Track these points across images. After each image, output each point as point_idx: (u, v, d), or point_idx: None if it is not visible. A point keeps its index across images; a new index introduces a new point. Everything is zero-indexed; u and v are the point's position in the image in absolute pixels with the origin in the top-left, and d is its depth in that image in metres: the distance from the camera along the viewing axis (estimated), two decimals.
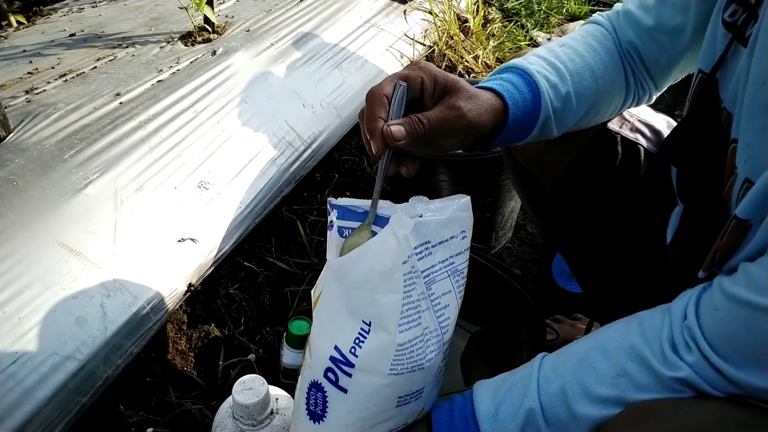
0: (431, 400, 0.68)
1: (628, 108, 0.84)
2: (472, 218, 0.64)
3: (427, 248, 0.60)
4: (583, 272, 1.05)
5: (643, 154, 0.87)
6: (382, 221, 0.61)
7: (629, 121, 0.87)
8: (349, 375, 0.61)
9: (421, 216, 0.60)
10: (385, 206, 0.61)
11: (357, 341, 0.61)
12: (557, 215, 1.00)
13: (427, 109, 0.61)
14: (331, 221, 0.63)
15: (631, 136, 0.87)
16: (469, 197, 0.64)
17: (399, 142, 0.58)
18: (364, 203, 0.63)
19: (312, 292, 0.67)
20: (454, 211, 0.62)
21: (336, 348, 0.62)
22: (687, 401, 0.53)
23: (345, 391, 0.62)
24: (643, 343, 0.57)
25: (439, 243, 0.61)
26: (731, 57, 0.61)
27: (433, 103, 0.62)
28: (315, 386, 0.64)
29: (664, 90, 0.83)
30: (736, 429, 0.48)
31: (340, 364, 0.62)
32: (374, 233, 0.61)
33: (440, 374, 0.67)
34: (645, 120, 0.88)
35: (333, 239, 0.63)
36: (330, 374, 0.63)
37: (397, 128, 0.58)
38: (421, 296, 0.60)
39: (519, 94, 0.68)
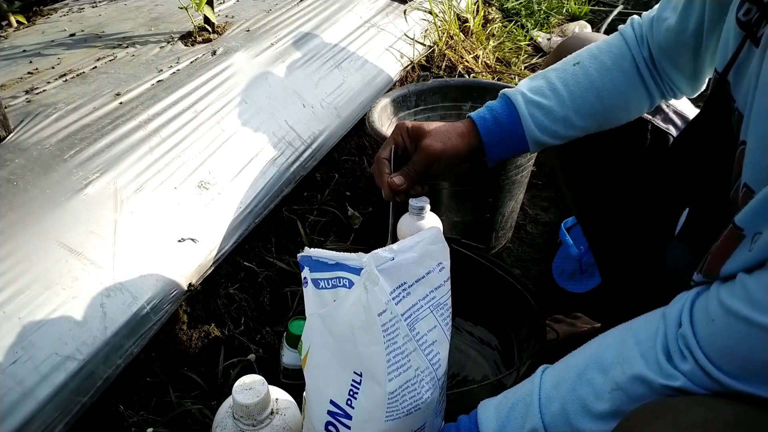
0: (436, 427, 0.69)
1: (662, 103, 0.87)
2: (447, 248, 0.65)
3: (404, 289, 0.60)
4: (601, 251, 1.07)
5: (664, 147, 0.88)
6: (355, 271, 0.60)
7: (664, 111, 0.89)
8: (348, 427, 0.62)
9: (393, 259, 0.60)
10: (354, 258, 0.61)
11: (351, 393, 0.61)
12: (586, 187, 1.03)
13: (411, 154, 0.82)
14: (305, 278, 0.64)
15: (663, 126, 0.88)
16: (439, 228, 0.66)
17: (401, 187, 0.80)
18: (335, 255, 0.62)
19: (298, 350, 0.67)
20: (425, 246, 0.62)
21: (332, 402, 0.62)
22: (698, 399, 0.53)
23: None
24: (637, 356, 0.57)
25: (416, 281, 0.61)
26: (745, 56, 0.60)
27: (413, 149, 0.82)
28: None
29: (701, 89, 0.85)
30: (753, 429, 0.48)
31: (339, 417, 0.62)
32: (350, 282, 0.61)
33: (441, 404, 0.68)
34: (681, 111, 0.89)
35: (309, 294, 0.64)
36: (331, 427, 0.63)
37: (397, 178, 0.80)
38: (406, 339, 0.60)
39: (492, 119, 0.81)
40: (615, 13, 2.69)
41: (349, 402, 0.61)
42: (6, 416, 0.79)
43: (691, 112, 0.90)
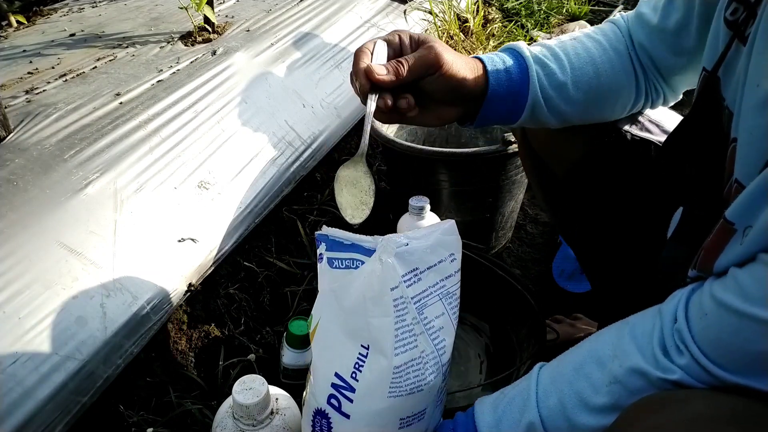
0: (435, 420, 0.69)
1: (642, 109, 0.86)
2: (459, 240, 0.65)
3: (416, 274, 0.61)
4: (590, 263, 1.06)
5: (652, 152, 0.87)
6: (369, 253, 0.61)
7: (640, 122, 0.88)
8: (351, 400, 0.62)
9: (407, 244, 0.61)
10: (369, 240, 0.62)
11: (357, 366, 0.61)
12: (568, 203, 1.01)
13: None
14: (321, 254, 0.64)
15: (641, 134, 0.88)
16: (453, 221, 0.66)
17: (381, 77, 0.63)
18: (351, 236, 0.63)
19: (307, 323, 0.67)
20: (439, 236, 0.63)
21: (337, 375, 0.63)
22: (699, 392, 0.53)
23: (348, 416, 0.63)
24: (634, 350, 0.57)
25: (428, 268, 0.62)
26: (733, 55, 0.61)
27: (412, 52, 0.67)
28: (320, 414, 0.65)
29: (681, 94, 0.84)
30: (750, 422, 0.48)
31: (342, 389, 0.62)
32: (361, 262, 0.61)
33: (442, 394, 0.68)
34: (656, 120, 0.89)
35: (324, 271, 0.64)
36: (333, 400, 0.63)
37: (379, 66, 0.64)
38: (413, 321, 0.60)
39: (503, 66, 0.73)
40: (615, 12, 2.69)
41: (353, 375, 0.61)
42: (6, 416, 0.79)
43: (667, 119, 0.90)
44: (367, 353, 0.61)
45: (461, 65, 0.69)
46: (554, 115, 0.78)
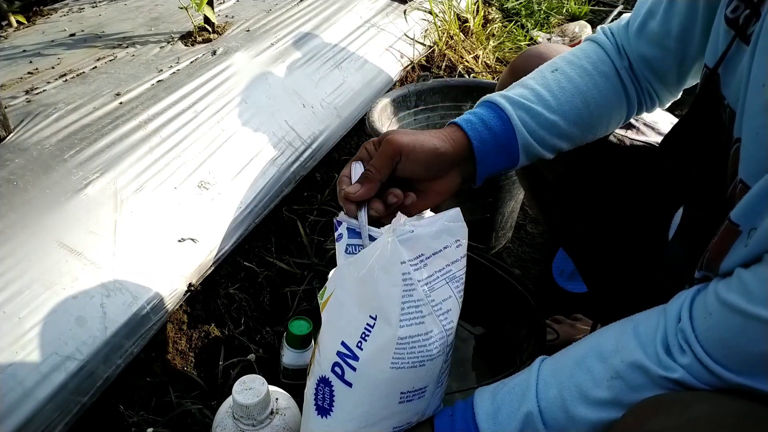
0: (435, 402, 0.69)
1: (637, 116, 0.84)
2: (465, 227, 0.66)
3: (421, 260, 0.62)
4: (586, 267, 1.06)
5: (647, 155, 0.87)
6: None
7: (635, 126, 0.87)
8: (354, 369, 0.63)
9: (412, 231, 0.62)
10: (377, 231, 0.65)
11: (363, 335, 0.62)
12: (561, 209, 1.01)
13: None
14: (341, 234, 0.66)
15: (636, 138, 0.87)
16: (458, 208, 0.66)
17: (358, 193, 0.66)
18: (361, 224, 0.66)
19: (319, 295, 0.68)
20: (444, 223, 0.64)
21: (343, 343, 0.64)
22: (704, 394, 0.53)
23: (350, 385, 0.64)
24: (637, 346, 0.57)
25: (433, 254, 0.63)
26: (734, 54, 0.60)
27: None
28: (323, 381, 0.66)
29: (680, 93, 0.83)
30: (755, 425, 0.48)
31: (347, 358, 0.63)
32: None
33: (444, 376, 0.68)
34: (651, 123, 0.88)
35: (341, 251, 0.66)
36: (337, 368, 0.64)
37: (351, 187, 0.67)
38: (421, 302, 0.61)
39: (481, 123, 0.72)
40: (615, 13, 2.69)
41: (359, 344, 0.62)
42: (6, 416, 0.79)
43: (662, 121, 0.89)
44: (374, 323, 0.62)
45: (426, 139, 0.68)
46: (550, 150, 0.76)
